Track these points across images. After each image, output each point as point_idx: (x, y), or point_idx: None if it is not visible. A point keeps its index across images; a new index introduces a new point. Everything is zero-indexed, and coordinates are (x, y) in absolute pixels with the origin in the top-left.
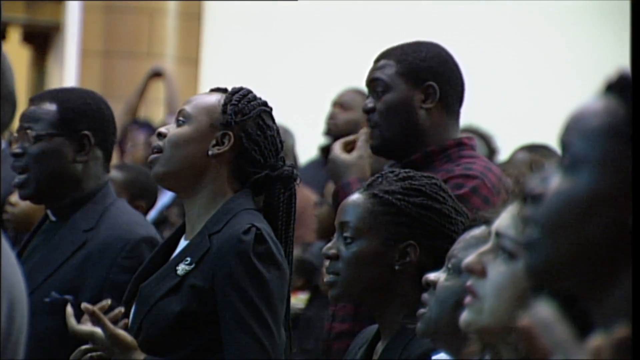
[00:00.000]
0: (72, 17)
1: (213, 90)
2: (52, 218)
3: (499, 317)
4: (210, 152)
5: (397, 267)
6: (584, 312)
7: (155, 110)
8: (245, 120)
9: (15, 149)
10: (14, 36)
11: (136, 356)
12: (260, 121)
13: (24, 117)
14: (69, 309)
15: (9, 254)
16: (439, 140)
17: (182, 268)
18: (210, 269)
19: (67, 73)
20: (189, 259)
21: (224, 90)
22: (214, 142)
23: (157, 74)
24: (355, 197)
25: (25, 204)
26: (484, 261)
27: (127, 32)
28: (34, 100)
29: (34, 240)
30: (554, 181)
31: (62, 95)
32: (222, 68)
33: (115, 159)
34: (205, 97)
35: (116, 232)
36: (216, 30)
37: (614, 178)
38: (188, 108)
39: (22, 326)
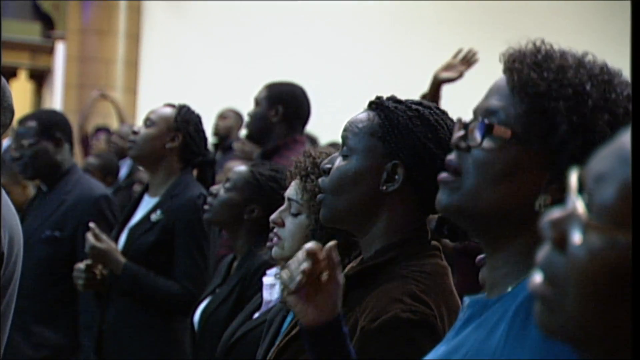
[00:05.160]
0: (59, 63)
1: (166, 105)
2: (44, 189)
3: (294, 251)
4: (167, 146)
5: (245, 217)
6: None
7: (110, 122)
8: (189, 127)
9: (15, 153)
10: (22, 75)
11: (120, 258)
12: (196, 126)
13: (19, 133)
14: (89, 236)
15: (10, 206)
16: (283, 138)
17: (154, 217)
18: (173, 217)
19: (55, 99)
20: (159, 211)
21: (173, 106)
22: (168, 139)
23: (102, 96)
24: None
25: None
26: (283, 216)
27: (93, 73)
28: (21, 121)
29: (35, 202)
30: (337, 162)
31: (38, 114)
32: (152, 97)
33: (83, 154)
34: (163, 110)
35: (84, 192)
36: (149, 71)
37: (370, 160)
38: (153, 116)
39: (20, 251)
